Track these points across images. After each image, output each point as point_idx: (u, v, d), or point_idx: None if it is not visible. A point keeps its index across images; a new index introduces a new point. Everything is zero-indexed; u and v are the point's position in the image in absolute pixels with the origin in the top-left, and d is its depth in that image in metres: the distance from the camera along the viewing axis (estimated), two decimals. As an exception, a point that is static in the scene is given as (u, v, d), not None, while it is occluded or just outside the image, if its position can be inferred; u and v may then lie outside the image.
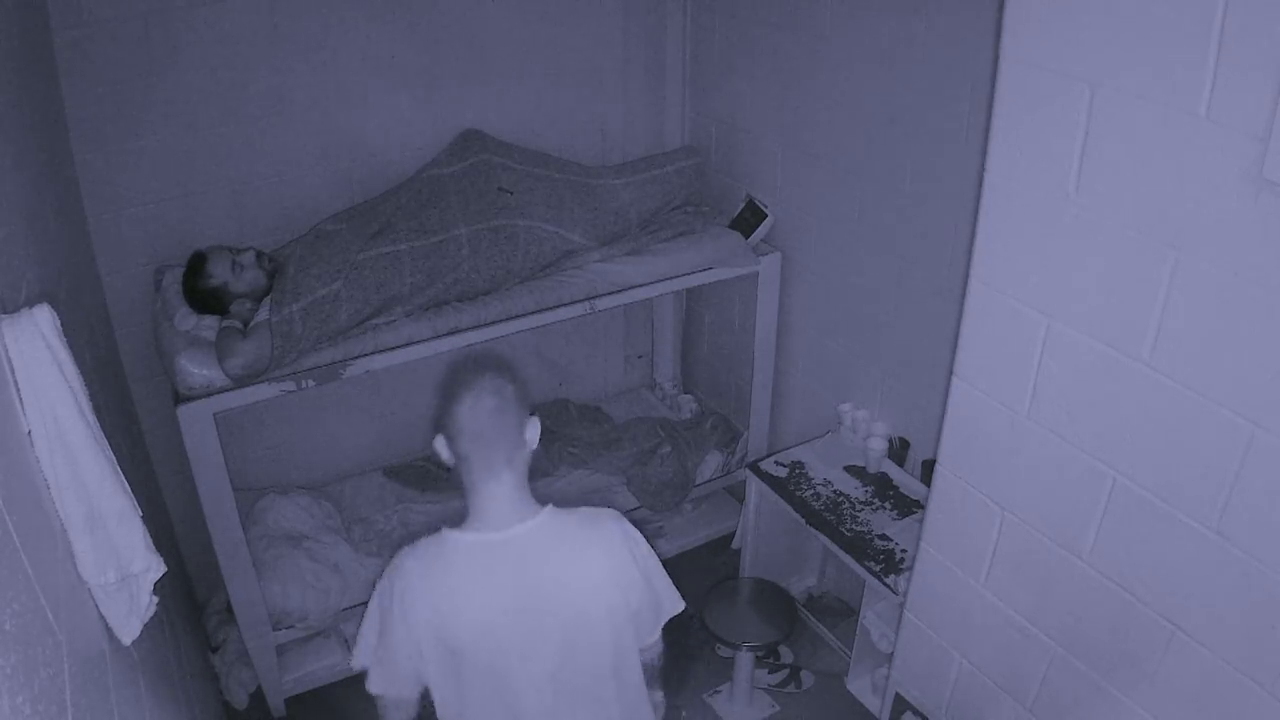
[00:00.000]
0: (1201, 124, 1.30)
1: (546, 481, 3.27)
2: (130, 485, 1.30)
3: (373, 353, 2.53)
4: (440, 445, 1.55)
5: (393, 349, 2.55)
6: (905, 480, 2.86)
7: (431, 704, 1.66)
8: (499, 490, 1.54)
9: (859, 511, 2.76)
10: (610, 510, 1.68)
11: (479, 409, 1.50)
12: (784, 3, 2.79)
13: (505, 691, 1.60)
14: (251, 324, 2.42)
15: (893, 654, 2.33)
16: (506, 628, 1.56)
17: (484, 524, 1.56)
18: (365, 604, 1.66)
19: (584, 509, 1.65)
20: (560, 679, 1.61)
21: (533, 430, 1.59)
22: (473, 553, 1.56)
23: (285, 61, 2.74)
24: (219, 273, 2.50)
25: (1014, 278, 1.68)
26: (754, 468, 2.99)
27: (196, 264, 2.52)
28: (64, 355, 1.19)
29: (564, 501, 1.64)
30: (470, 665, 1.58)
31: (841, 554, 2.67)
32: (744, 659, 2.85)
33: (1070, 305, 1.59)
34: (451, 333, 2.61)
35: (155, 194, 2.72)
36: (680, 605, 1.74)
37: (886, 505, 2.78)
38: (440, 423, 1.55)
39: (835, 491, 2.84)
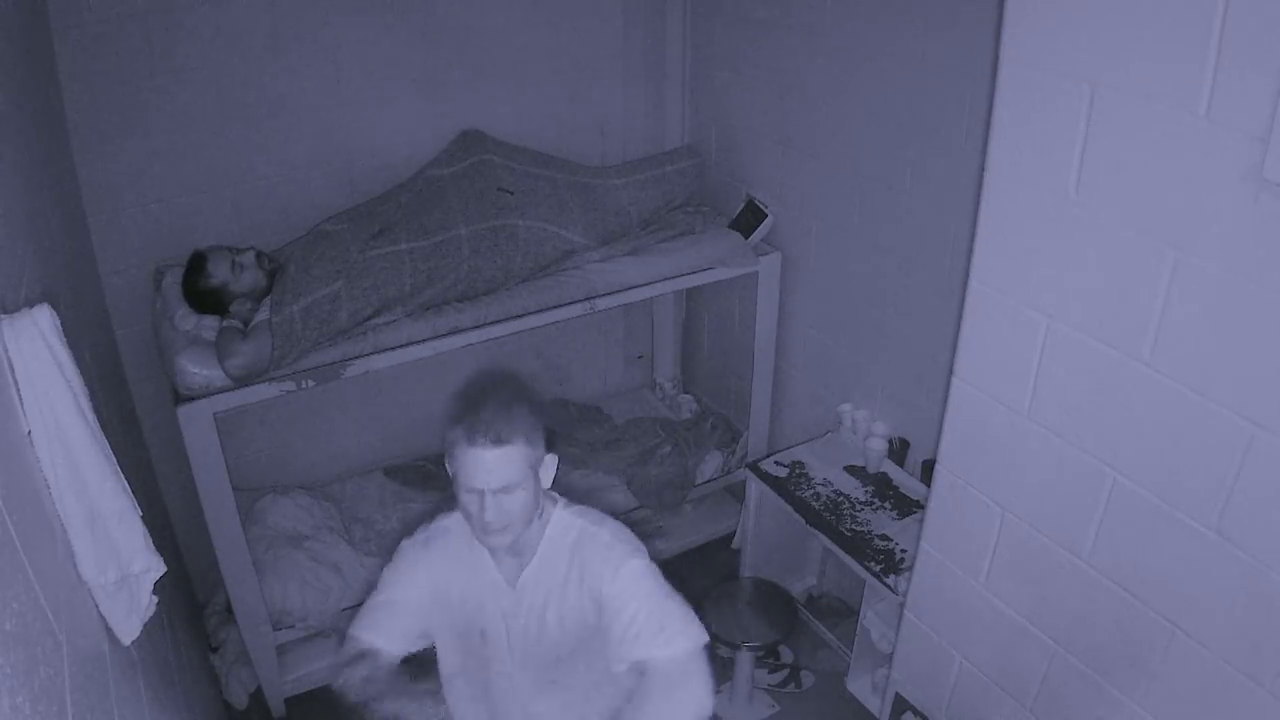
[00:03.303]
0: (1201, 124, 1.30)
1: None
2: (130, 485, 1.30)
3: (373, 353, 2.53)
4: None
5: (393, 349, 2.55)
6: (905, 480, 2.86)
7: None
8: None
9: (859, 511, 2.76)
10: None
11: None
12: (784, 2, 2.79)
13: None
14: (252, 324, 2.42)
15: (893, 654, 2.33)
16: None
17: None
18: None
19: None
20: None
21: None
22: None
23: (285, 61, 2.74)
24: (219, 273, 2.50)
25: (1014, 278, 1.68)
26: (754, 468, 2.99)
27: (196, 264, 2.52)
28: (64, 355, 1.19)
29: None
30: None
31: (841, 554, 2.67)
32: (744, 659, 2.85)
33: (1070, 305, 1.59)
34: (451, 333, 2.61)
35: (155, 194, 2.72)
36: None
37: (886, 505, 2.78)
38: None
39: (835, 491, 2.84)
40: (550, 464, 1.57)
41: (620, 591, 1.55)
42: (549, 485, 1.58)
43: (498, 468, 1.45)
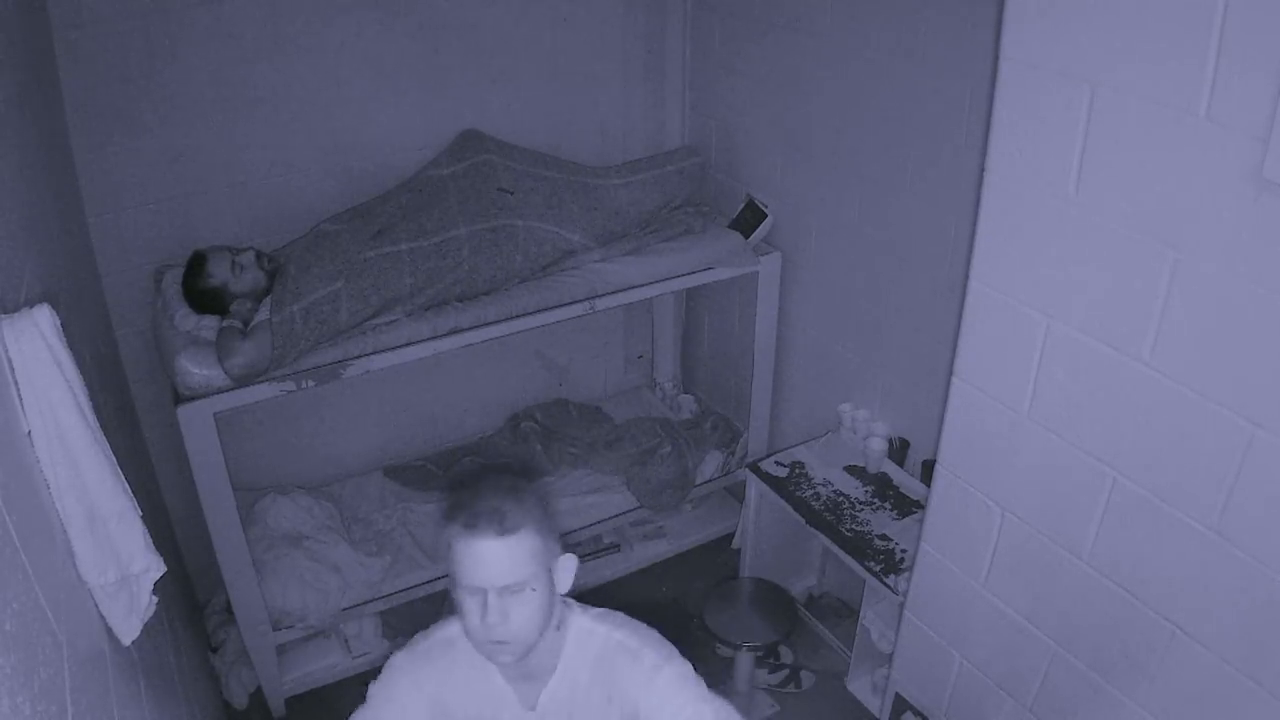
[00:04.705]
0: (1201, 124, 1.30)
1: (546, 482, 3.27)
2: (130, 485, 1.30)
3: (373, 353, 2.53)
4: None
5: (393, 349, 2.55)
6: (905, 480, 2.86)
7: None
8: None
9: (859, 511, 2.76)
10: None
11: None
12: (784, 2, 2.79)
13: None
14: (252, 324, 2.42)
15: (893, 654, 2.33)
16: None
17: None
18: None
19: None
20: None
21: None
22: None
23: (285, 61, 2.74)
24: (219, 273, 2.50)
25: (1014, 278, 1.68)
26: (754, 468, 2.99)
27: (196, 264, 2.52)
28: (64, 355, 1.19)
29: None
30: None
31: (841, 554, 2.67)
32: (744, 659, 2.85)
33: (1070, 305, 1.59)
34: (451, 333, 2.61)
35: (155, 194, 2.72)
36: None
37: (886, 505, 2.78)
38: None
39: (835, 491, 2.84)
40: (569, 565, 1.34)
41: (661, 704, 1.34)
42: (567, 590, 1.35)
43: (503, 560, 1.22)
